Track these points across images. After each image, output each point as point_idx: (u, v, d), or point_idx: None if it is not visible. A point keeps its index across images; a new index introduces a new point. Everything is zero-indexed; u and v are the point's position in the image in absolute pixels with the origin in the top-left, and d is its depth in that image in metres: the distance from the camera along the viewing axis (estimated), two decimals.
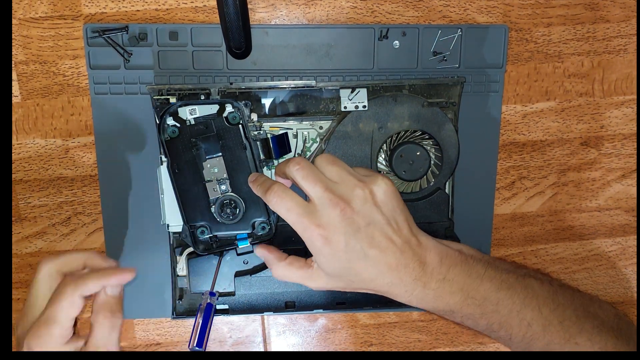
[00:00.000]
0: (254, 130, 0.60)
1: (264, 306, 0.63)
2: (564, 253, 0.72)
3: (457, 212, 0.65)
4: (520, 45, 0.66)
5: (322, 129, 0.62)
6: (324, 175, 0.52)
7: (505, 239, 0.71)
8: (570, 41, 0.66)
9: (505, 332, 0.53)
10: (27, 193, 0.65)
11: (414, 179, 0.62)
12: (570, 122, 0.68)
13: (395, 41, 0.63)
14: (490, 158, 0.67)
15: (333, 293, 0.63)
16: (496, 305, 0.52)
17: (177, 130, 0.59)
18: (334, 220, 0.50)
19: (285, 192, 0.52)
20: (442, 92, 0.62)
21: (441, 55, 0.64)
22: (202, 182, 0.59)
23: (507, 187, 0.69)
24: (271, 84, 0.61)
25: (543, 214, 0.70)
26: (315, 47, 0.63)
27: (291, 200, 0.51)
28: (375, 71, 0.64)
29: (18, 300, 0.67)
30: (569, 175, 0.70)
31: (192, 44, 0.62)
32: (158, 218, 0.61)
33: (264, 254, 0.57)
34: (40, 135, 0.64)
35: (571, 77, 0.67)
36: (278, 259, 0.56)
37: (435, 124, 0.62)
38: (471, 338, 0.72)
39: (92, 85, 0.62)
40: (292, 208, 0.51)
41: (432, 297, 0.52)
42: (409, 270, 0.51)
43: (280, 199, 0.52)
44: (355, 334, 0.71)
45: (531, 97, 0.67)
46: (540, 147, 0.69)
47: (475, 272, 0.52)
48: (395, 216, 0.51)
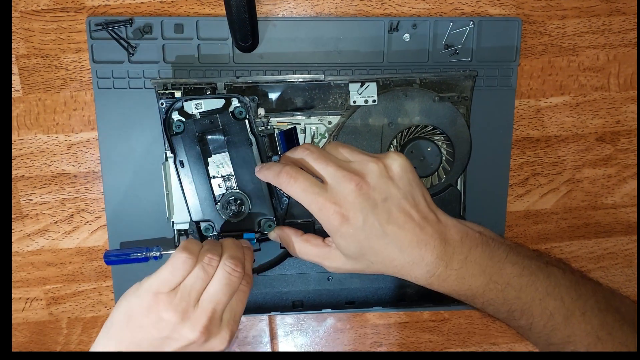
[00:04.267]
0: (261, 126, 0.60)
1: (271, 306, 0.63)
2: (579, 251, 0.71)
3: (469, 210, 0.64)
4: (534, 38, 0.65)
5: (331, 123, 0.61)
6: (335, 157, 0.51)
7: (518, 237, 0.69)
8: (585, 34, 0.65)
9: (526, 321, 0.51)
10: (29, 190, 0.64)
11: (425, 175, 0.61)
12: (585, 117, 0.67)
13: (405, 34, 0.63)
14: (503, 154, 0.66)
15: (342, 292, 0.63)
16: (519, 291, 0.50)
17: (183, 125, 0.58)
18: (349, 196, 0.49)
19: (298, 172, 0.51)
20: (454, 87, 0.61)
21: (453, 49, 0.63)
22: (207, 178, 0.58)
23: (521, 183, 0.68)
24: (278, 78, 0.60)
25: (557, 211, 0.69)
26: (323, 40, 0.62)
27: (305, 180, 0.50)
28: (385, 65, 0.63)
29: (19, 299, 0.66)
30: (584, 171, 0.69)
31: (197, 37, 0.62)
32: (163, 215, 0.61)
33: (279, 234, 0.57)
34: (42, 131, 0.63)
35: (586, 70, 0.66)
36: (294, 235, 0.55)
37: (446, 119, 0.61)
38: (483, 339, 0.72)
39: (96, 80, 0.61)
40: (307, 188, 0.50)
41: (454, 279, 0.50)
42: (430, 248, 0.49)
43: (293, 179, 0.50)
44: (364, 334, 0.71)
45: (545, 92, 0.66)
46: (554, 143, 0.68)
47: (497, 255, 0.50)
48: (412, 190, 0.50)
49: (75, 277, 0.67)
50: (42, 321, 0.67)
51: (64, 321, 0.68)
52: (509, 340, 0.72)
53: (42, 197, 0.65)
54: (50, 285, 0.67)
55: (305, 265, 0.62)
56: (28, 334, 0.68)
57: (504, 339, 0.72)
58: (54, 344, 0.68)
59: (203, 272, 0.49)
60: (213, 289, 0.49)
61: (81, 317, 0.68)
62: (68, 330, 0.68)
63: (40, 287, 0.66)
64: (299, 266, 0.62)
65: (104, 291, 0.67)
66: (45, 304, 0.67)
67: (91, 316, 0.68)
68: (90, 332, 0.68)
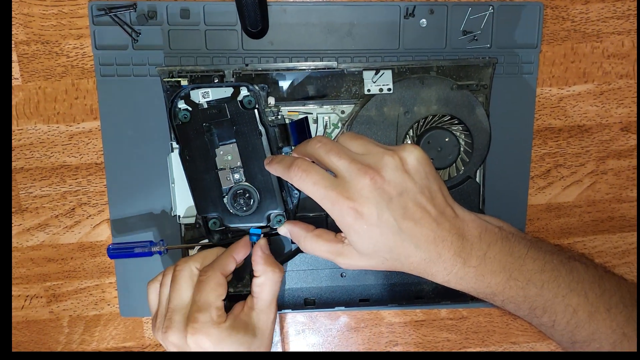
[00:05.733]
0: (271, 115, 0.59)
1: (282, 303, 0.62)
2: (603, 246, 0.70)
3: (489, 203, 0.63)
4: (556, 24, 0.64)
5: (344, 113, 0.61)
6: (349, 149, 0.51)
7: (540, 231, 0.68)
8: (610, 19, 0.65)
9: (549, 319, 0.50)
10: (29, 182, 0.64)
11: (442, 167, 0.61)
12: (609, 105, 0.66)
13: (422, 19, 0.62)
14: (524, 144, 0.66)
15: (355, 289, 0.62)
16: (540, 288, 0.49)
17: (189, 115, 0.57)
18: (364, 190, 0.48)
19: (310, 165, 0.50)
20: (473, 74, 0.61)
21: (471, 35, 0.62)
22: (214, 170, 0.58)
23: (542, 175, 0.67)
24: (289, 66, 0.59)
25: (580, 204, 0.68)
26: (336, 25, 0.62)
27: (317, 173, 0.49)
28: (400, 51, 0.63)
29: (19, 297, 0.66)
30: (609, 162, 0.68)
31: (204, 23, 0.61)
32: (168, 209, 0.61)
33: (289, 229, 0.56)
34: (42, 121, 0.63)
35: (610, 57, 0.65)
36: (306, 230, 0.54)
37: (465, 108, 0.60)
38: (503, 338, 0.71)
39: (98, 67, 0.61)
40: (319, 182, 0.49)
41: (473, 276, 0.49)
42: (447, 244, 0.48)
43: (305, 173, 0.50)
44: (379, 332, 0.70)
45: (568, 80, 0.66)
46: (577, 133, 0.67)
47: (517, 251, 0.49)
48: (429, 184, 0.49)
49: (76, 273, 0.66)
50: (42, 320, 0.67)
51: (65, 320, 0.67)
52: (530, 339, 0.71)
53: (42, 190, 0.64)
54: (51, 282, 0.66)
55: (317, 261, 0.62)
56: (28, 333, 0.67)
57: (525, 337, 0.71)
58: (55, 344, 0.68)
59: (163, 288, 0.55)
60: (165, 293, 0.54)
61: (83, 316, 0.67)
62: (69, 329, 0.67)
63: (40, 284, 0.66)
64: (310, 262, 0.62)
65: (106, 288, 0.66)
66: (46, 302, 0.66)
67: (93, 314, 0.67)
68: (92, 331, 0.67)
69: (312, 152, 0.51)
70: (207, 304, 0.51)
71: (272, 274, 0.54)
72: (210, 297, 0.51)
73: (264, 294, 0.54)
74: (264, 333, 0.54)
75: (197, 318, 0.51)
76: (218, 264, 0.54)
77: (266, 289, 0.54)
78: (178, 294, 0.53)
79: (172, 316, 0.52)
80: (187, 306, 0.52)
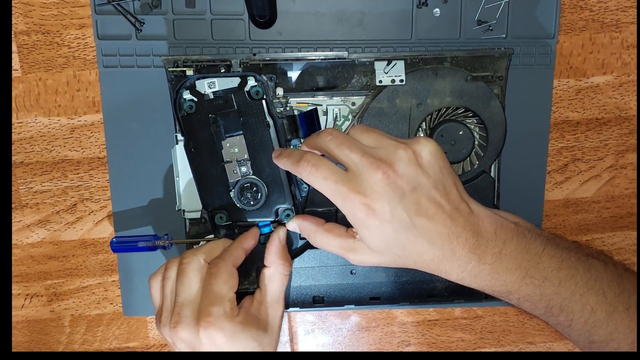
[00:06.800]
0: (279, 107, 0.58)
1: (290, 301, 0.61)
2: (622, 243, 0.69)
3: (504, 198, 0.62)
4: (574, 13, 0.63)
5: (355, 105, 0.60)
6: (360, 142, 0.50)
7: (557, 228, 0.68)
8: (629, 8, 0.64)
9: (566, 318, 0.50)
10: (29, 177, 0.63)
11: (456, 161, 0.60)
12: (629, 98, 0.65)
13: (435, 8, 0.61)
14: (540, 138, 0.65)
15: (366, 287, 0.62)
16: (557, 286, 0.49)
17: (194, 106, 0.57)
18: (376, 185, 0.47)
19: (320, 160, 0.50)
20: (488, 65, 0.60)
21: (486, 24, 0.62)
22: (220, 163, 0.57)
23: (560, 170, 0.67)
24: (298, 56, 0.59)
25: (599, 199, 0.68)
26: (347, 14, 0.61)
27: (327, 168, 0.49)
28: (413, 42, 0.62)
29: (19, 296, 0.65)
30: (628, 157, 0.67)
31: (210, 12, 0.60)
32: (173, 203, 0.60)
33: (299, 223, 0.55)
34: (42, 113, 0.62)
35: (630, 48, 0.65)
36: (316, 224, 0.54)
37: (479, 100, 0.59)
38: (519, 337, 0.71)
39: (100, 58, 0.60)
40: (329, 176, 0.48)
41: (488, 274, 0.48)
42: (461, 241, 0.47)
43: (315, 167, 0.49)
44: (391, 332, 0.70)
45: (586, 71, 0.65)
46: (596, 126, 0.66)
47: (533, 247, 0.49)
48: (443, 179, 0.49)
49: (78, 271, 0.65)
50: (43, 319, 0.66)
51: (67, 319, 0.67)
52: (547, 339, 0.70)
53: (42, 185, 0.63)
54: (52, 280, 0.65)
55: (326, 257, 0.61)
56: (28, 333, 0.67)
57: (542, 337, 0.70)
58: (56, 344, 0.67)
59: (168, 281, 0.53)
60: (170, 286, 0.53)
61: (85, 315, 0.66)
62: (71, 329, 0.67)
63: (40, 282, 0.65)
64: (319, 258, 0.61)
65: (109, 286, 0.66)
66: (47, 301, 0.66)
67: (96, 314, 0.66)
68: (94, 331, 0.67)
69: (322, 145, 0.51)
70: (220, 296, 0.50)
71: (283, 267, 0.54)
72: (223, 289, 0.51)
73: (273, 286, 0.54)
74: (274, 329, 0.54)
75: (211, 311, 0.49)
76: (228, 255, 0.53)
77: (275, 281, 0.54)
78: (186, 287, 0.51)
79: (181, 311, 0.51)
80: (196, 300, 0.51)
